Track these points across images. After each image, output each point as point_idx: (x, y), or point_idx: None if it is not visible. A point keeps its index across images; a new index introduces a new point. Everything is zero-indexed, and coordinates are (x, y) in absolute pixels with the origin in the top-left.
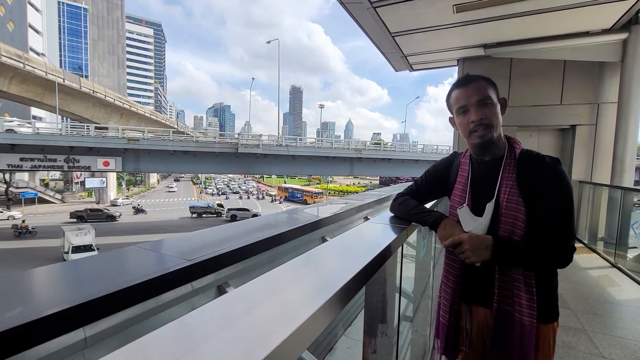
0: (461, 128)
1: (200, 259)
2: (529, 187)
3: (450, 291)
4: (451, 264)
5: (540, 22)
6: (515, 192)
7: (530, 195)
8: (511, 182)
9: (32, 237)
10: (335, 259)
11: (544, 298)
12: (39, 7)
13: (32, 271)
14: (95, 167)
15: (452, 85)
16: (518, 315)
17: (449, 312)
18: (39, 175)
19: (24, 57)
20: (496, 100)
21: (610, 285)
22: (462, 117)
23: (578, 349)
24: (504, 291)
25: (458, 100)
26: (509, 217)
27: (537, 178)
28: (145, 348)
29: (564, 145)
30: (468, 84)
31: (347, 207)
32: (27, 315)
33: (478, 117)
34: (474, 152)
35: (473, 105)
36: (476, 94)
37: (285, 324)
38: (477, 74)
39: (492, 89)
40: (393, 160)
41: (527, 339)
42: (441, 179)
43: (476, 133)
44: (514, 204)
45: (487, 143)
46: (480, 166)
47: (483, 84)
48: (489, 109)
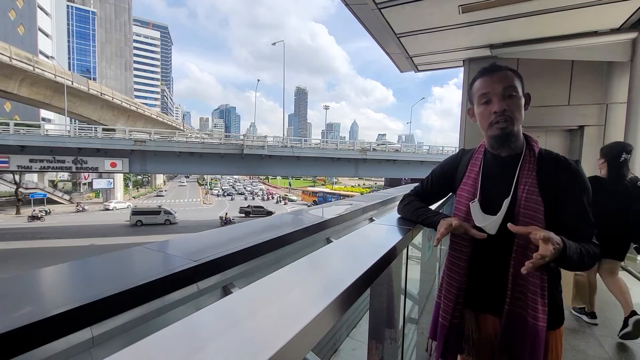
0: (481, 119)
1: (206, 259)
2: (550, 187)
3: (454, 291)
4: (456, 262)
5: (548, 22)
6: (535, 191)
7: (551, 196)
8: (530, 180)
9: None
10: (340, 260)
11: (552, 302)
12: (48, 11)
13: (40, 270)
14: (103, 168)
15: (477, 73)
16: (532, 320)
17: (450, 314)
18: (48, 176)
19: (33, 60)
20: (521, 94)
21: None
22: (484, 107)
23: (587, 352)
24: (517, 294)
25: (481, 88)
26: (527, 216)
27: (560, 180)
28: (152, 348)
29: (571, 146)
30: (494, 73)
31: (352, 208)
32: (35, 314)
33: (501, 107)
34: (492, 144)
35: (497, 95)
36: (501, 83)
37: (290, 325)
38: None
39: (518, 81)
40: (398, 162)
41: (538, 345)
42: (448, 177)
43: (497, 125)
44: (533, 203)
45: (507, 136)
46: (495, 161)
47: (510, 74)
48: (513, 100)
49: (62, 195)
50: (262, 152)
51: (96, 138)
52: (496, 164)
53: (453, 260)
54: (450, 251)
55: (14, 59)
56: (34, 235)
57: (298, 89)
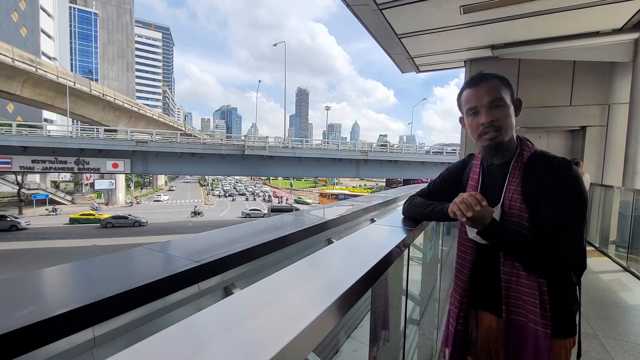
0: (470, 130)
1: (207, 260)
2: (534, 190)
3: (459, 297)
4: (461, 268)
5: (549, 23)
6: (518, 198)
7: (535, 200)
8: (514, 188)
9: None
10: (341, 261)
11: (558, 310)
12: (51, 12)
13: (43, 271)
14: (105, 169)
15: (464, 84)
16: (533, 325)
17: (456, 319)
18: (50, 177)
19: (36, 61)
20: (509, 102)
21: (622, 290)
22: (472, 118)
23: (590, 354)
24: (513, 300)
25: (468, 100)
26: (511, 224)
27: (544, 181)
28: (153, 348)
29: (573, 146)
30: (480, 84)
31: (353, 209)
32: (37, 315)
33: (488, 119)
34: (483, 154)
35: (484, 107)
36: (488, 94)
37: (291, 326)
38: (492, 73)
39: (506, 89)
40: (399, 162)
41: (541, 351)
42: (455, 181)
43: (485, 136)
44: (517, 210)
45: (497, 146)
46: (489, 170)
47: (496, 83)
48: (501, 110)
49: (64, 196)
50: (263, 152)
51: (98, 139)
52: (490, 172)
53: (459, 267)
54: (457, 258)
55: (17, 60)
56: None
57: (299, 90)
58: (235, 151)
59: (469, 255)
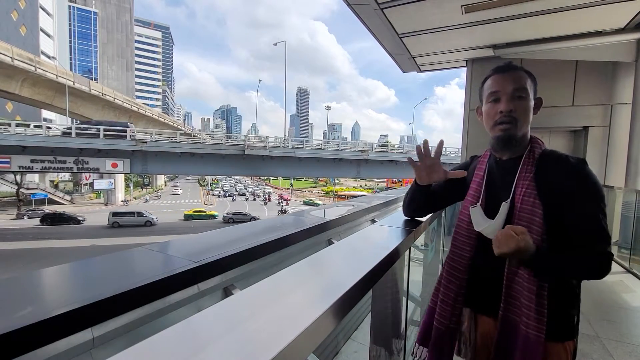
0: (487, 118)
1: (207, 260)
2: (549, 188)
3: (453, 295)
4: (456, 265)
5: (551, 22)
6: (532, 192)
7: (550, 197)
8: (527, 182)
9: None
10: (342, 261)
11: (556, 312)
12: (50, 12)
13: (41, 271)
14: (104, 169)
15: (490, 71)
16: (524, 327)
17: (448, 318)
18: (49, 177)
19: (35, 61)
20: (532, 97)
21: (625, 291)
22: (491, 105)
23: (592, 356)
24: (511, 299)
25: (492, 86)
26: (522, 219)
27: (559, 180)
28: (152, 349)
29: (575, 147)
30: (507, 72)
31: (354, 209)
32: (36, 315)
33: (508, 107)
34: (494, 146)
35: (506, 95)
36: (513, 83)
37: (291, 327)
38: (519, 65)
39: (531, 84)
40: (400, 162)
41: (531, 355)
42: (457, 181)
43: (501, 125)
44: (530, 206)
45: (509, 138)
46: (498, 165)
47: (523, 75)
48: (522, 102)
49: (63, 196)
50: (263, 152)
51: (97, 138)
52: (498, 167)
53: (453, 264)
54: (451, 255)
55: (16, 59)
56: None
57: (300, 89)
58: (235, 151)
59: (467, 252)
